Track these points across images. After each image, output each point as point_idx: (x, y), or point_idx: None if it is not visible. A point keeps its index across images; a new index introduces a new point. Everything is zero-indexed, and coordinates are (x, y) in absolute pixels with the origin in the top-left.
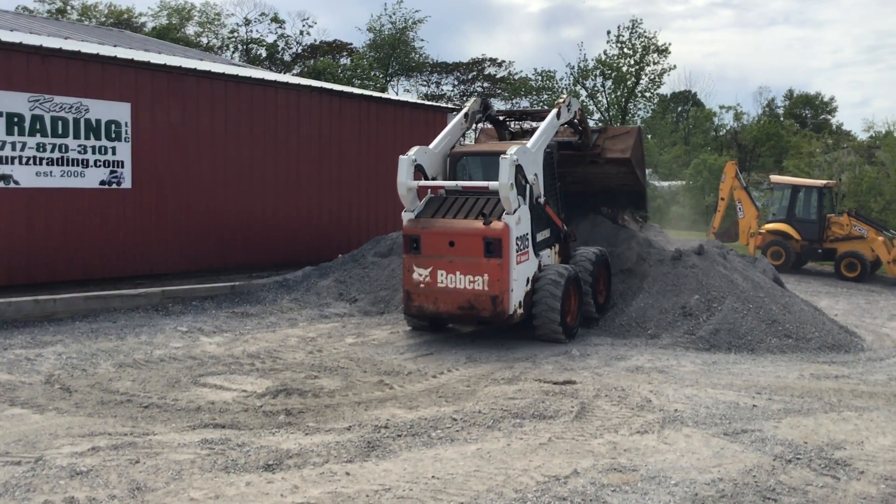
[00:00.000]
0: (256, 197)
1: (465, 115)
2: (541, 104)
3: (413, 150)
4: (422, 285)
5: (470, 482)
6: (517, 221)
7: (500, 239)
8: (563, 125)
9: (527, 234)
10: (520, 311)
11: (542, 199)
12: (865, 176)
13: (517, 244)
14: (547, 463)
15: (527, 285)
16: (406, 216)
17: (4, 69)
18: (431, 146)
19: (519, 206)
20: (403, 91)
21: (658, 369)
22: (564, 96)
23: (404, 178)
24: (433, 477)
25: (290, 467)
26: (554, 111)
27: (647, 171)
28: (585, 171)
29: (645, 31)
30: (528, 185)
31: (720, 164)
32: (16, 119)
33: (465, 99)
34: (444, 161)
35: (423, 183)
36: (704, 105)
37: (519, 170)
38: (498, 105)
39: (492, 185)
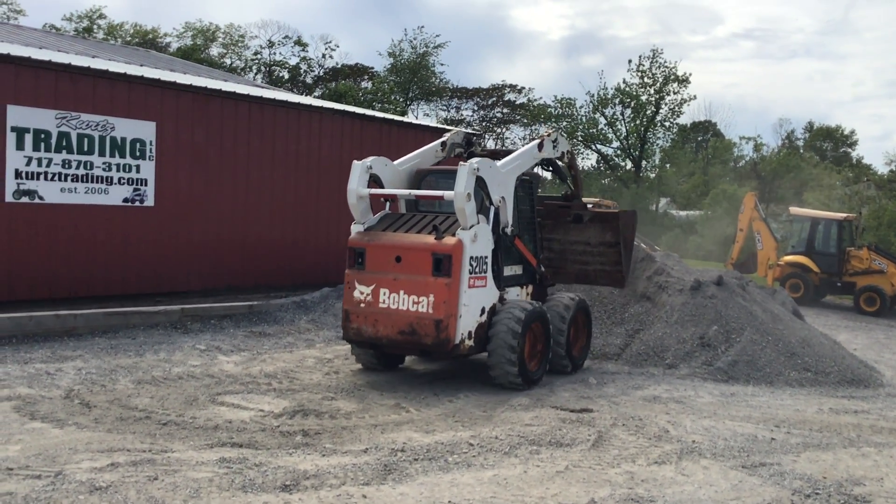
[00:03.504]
0: (276, 217)
1: (443, 143)
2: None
3: (370, 159)
4: (362, 304)
5: None
6: (473, 239)
7: (451, 255)
8: (543, 161)
9: (486, 256)
10: (469, 342)
11: (509, 230)
12: (886, 210)
13: (471, 265)
14: (564, 491)
15: (481, 316)
16: (355, 228)
17: (33, 87)
18: (396, 162)
19: (478, 224)
20: (423, 115)
21: (676, 399)
22: (551, 131)
23: (355, 185)
24: (449, 502)
25: (308, 488)
26: (536, 142)
27: (666, 200)
28: (565, 236)
29: (665, 61)
30: (492, 207)
31: (739, 195)
32: (42, 135)
33: (484, 124)
34: (407, 180)
35: (374, 191)
36: (724, 135)
37: (480, 183)
38: (517, 132)
39: (447, 194)
